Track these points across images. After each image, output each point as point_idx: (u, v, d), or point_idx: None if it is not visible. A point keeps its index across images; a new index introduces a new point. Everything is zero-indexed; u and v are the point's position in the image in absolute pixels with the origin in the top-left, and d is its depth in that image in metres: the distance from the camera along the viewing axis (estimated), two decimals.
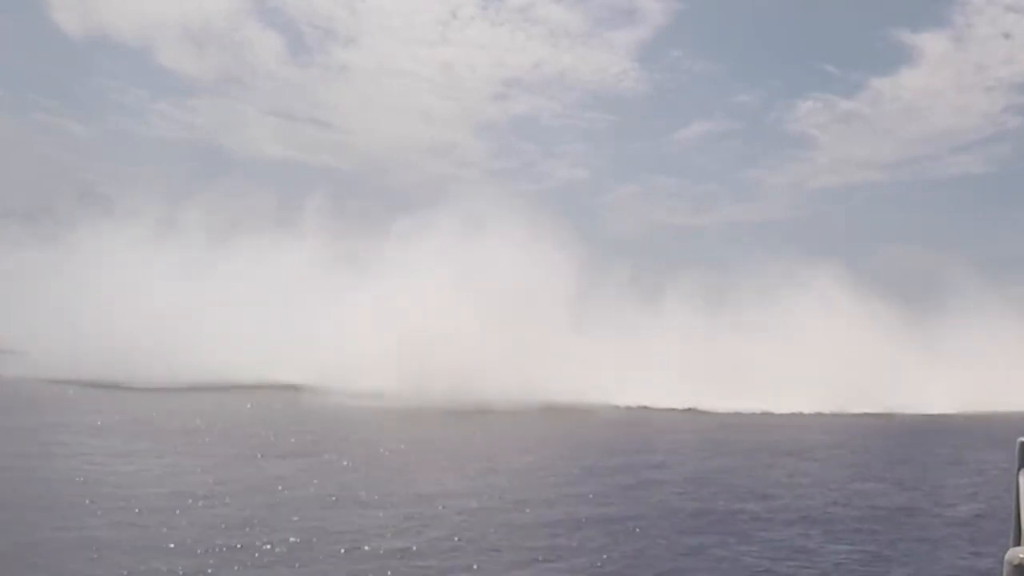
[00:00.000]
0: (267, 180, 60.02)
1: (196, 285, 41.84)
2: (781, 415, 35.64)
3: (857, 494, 17.59)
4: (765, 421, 33.81)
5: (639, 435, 27.24)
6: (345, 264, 44.40)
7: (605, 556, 12.11)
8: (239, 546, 11.69)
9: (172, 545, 11.59)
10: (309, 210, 49.98)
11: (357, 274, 43.38)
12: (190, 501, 14.25)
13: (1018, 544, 2.87)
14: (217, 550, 11.43)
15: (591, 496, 16.34)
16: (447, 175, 74.34)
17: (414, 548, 12.01)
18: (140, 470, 17.06)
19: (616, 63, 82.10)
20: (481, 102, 79.65)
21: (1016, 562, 2.20)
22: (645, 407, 36.05)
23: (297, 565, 11.10)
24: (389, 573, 10.91)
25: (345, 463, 18.97)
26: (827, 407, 37.11)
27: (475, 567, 11.32)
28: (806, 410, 36.68)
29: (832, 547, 13.14)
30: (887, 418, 36.43)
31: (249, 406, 29.88)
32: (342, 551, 11.73)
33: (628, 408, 35.84)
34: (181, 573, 10.50)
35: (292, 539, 12.18)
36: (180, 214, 47.08)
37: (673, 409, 35.69)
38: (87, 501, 13.75)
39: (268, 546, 11.80)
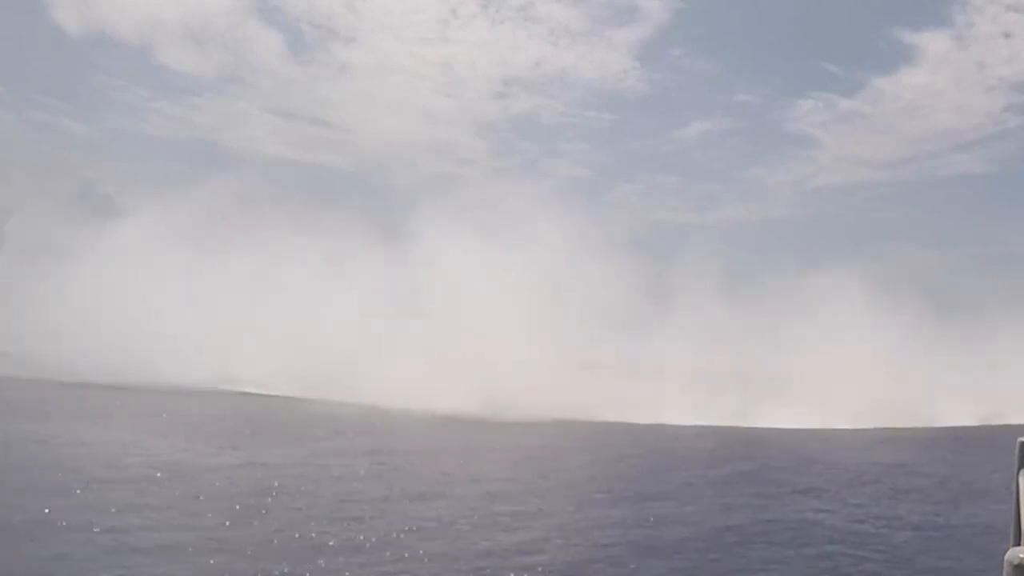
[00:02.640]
0: (268, 179, 59.73)
1: (197, 285, 41.75)
2: (825, 431, 33.03)
3: None
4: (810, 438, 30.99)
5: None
6: (348, 265, 44.26)
7: None
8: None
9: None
10: (310, 209, 49.93)
11: (361, 276, 43.20)
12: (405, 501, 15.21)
13: (1018, 544, 2.84)
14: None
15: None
16: (448, 174, 74.16)
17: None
18: (298, 480, 17.14)
19: (617, 61, 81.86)
20: (482, 101, 79.46)
21: (1016, 562, 2.17)
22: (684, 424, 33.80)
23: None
24: None
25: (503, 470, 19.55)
26: (862, 422, 34.72)
27: None
28: (846, 425, 34.08)
29: None
30: (922, 432, 33.78)
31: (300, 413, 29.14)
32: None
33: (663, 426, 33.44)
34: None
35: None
36: (180, 213, 46.98)
37: (696, 425, 33.64)
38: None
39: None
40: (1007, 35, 70.03)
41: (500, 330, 37.55)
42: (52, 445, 18.66)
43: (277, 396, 34.93)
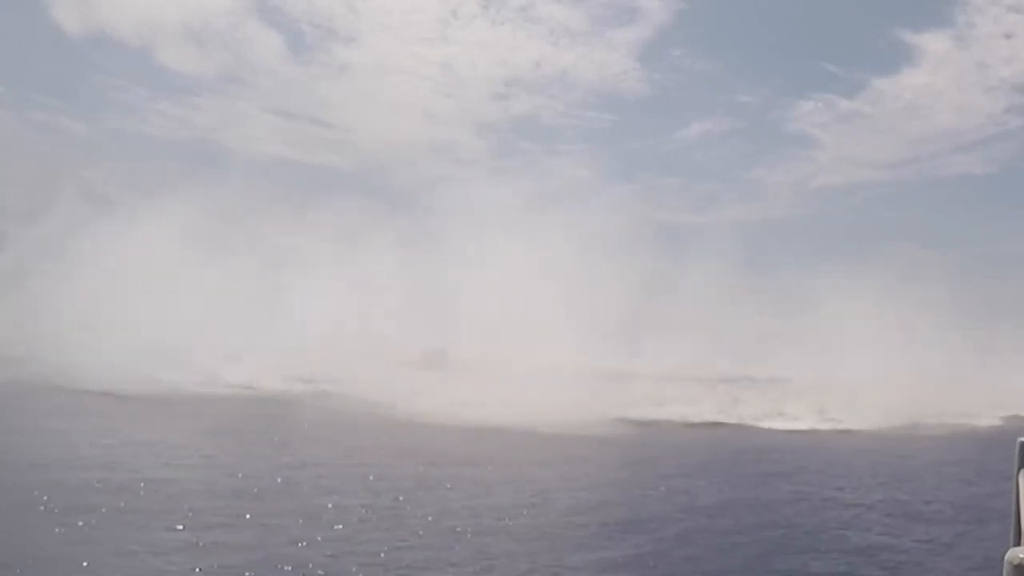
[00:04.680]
0: (268, 179, 59.83)
1: (197, 285, 41.69)
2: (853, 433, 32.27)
3: None
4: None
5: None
6: (349, 266, 44.19)
7: None
8: None
9: None
10: (310, 210, 49.96)
11: (362, 277, 43.12)
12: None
13: (1018, 544, 2.79)
14: None
15: None
16: (447, 175, 74.29)
17: None
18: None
19: (617, 62, 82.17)
20: (482, 101, 79.73)
21: (1016, 562, 2.12)
22: (719, 423, 33.26)
23: None
24: None
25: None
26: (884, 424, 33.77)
27: None
28: (869, 427, 33.25)
29: None
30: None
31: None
32: None
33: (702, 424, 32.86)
34: None
35: None
36: (180, 213, 46.97)
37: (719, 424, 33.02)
38: None
39: None
40: (1008, 36, 70.18)
41: (504, 334, 37.27)
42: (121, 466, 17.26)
43: (285, 400, 34.13)
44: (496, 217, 46.40)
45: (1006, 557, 2.14)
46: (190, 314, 39.21)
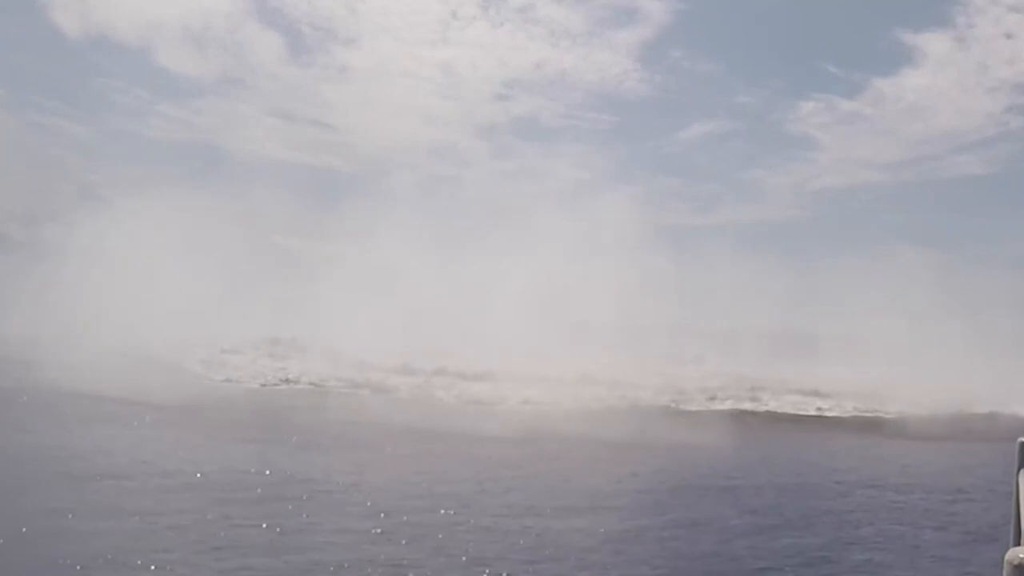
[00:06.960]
0: (268, 181, 59.86)
1: (197, 287, 41.72)
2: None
3: None
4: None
5: None
6: (350, 268, 44.26)
7: None
8: None
9: None
10: (311, 212, 50.03)
11: (364, 279, 43.10)
12: None
13: (1018, 544, 2.87)
14: None
15: None
16: (448, 176, 74.31)
17: None
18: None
19: (617, 63, 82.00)
20: (482, 102, 79.61)
21: (1016, 562, 2.20)
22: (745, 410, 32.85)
23: None
24: None
25: None
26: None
27: None
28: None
29: None
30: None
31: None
32: None
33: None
34: None
35: None
36: (180, 215, 47.04)
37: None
38: None
39: None
40: (1008, 36, 70.19)
41: (506, 335, 37.15)
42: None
43: (290, 402, 33.33)
44: (496, 219, 46.50)
45: (1006, 557, 2.22)
46: (192, 315, 39.28)
